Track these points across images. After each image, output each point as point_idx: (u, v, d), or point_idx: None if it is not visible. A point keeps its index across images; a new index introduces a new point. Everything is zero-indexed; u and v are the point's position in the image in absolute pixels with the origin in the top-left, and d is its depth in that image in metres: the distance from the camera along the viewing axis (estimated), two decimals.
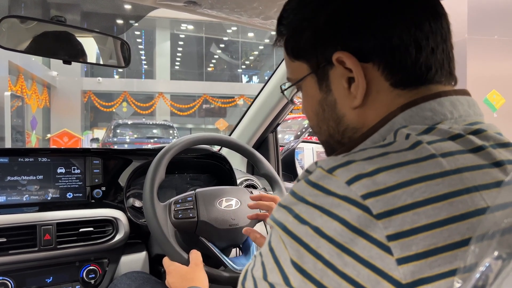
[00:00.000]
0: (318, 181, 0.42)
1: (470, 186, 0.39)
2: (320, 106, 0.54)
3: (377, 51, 0.48)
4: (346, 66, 0.49)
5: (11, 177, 1.14)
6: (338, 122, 0.53)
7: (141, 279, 1.11)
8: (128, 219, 1.23)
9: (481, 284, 0.32)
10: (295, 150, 1.89)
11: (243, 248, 1.16)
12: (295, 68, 0.56)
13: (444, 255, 0.36)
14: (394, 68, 0.49)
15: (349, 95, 0.51)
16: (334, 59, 0.50)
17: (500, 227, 0.33)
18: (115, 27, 10.73)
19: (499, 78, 5.39)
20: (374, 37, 0.48)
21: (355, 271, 0.37)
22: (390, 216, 0.37)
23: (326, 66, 0.52)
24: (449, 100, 0.48)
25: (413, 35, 0.48)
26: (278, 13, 0.58)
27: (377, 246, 0.36)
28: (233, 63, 21.31)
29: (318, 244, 0.39)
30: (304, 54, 0.54)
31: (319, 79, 0.53)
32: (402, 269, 0.36)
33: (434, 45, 0.49)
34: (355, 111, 0.51)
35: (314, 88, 0.54)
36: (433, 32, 0.49)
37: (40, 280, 1.13)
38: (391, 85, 0.49)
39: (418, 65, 0.49)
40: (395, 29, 0.48)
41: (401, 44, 0.48)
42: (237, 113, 18.68)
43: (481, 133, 0.45)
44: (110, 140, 9.57)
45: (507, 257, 0.31)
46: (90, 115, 18.85)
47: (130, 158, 1.31)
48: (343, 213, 0.38)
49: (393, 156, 0.41)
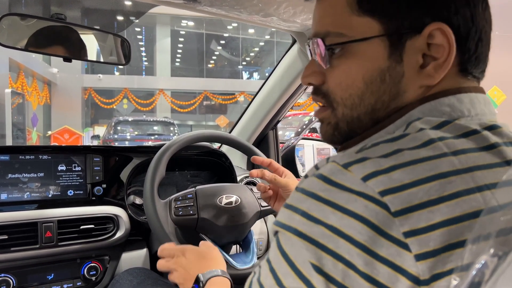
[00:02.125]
0: (331, 175, 0.40)
1: (481, 185, 0.39)
2: (380, 75, 0.47)
3: (460, 30, 0.46)
4: (432, 42, 0.45)
5: (12, 174, 1.15)
6: (394, 97, 0.48)
7: (142, 275, 1.11)
8: (129, 216, 1.24)
9: (477, 280, 0.32)
10: (295, 147, 1.89)
11: (243, 245, 1.17)
12: (357, 25, 0.47)
13: (457, 251, 0.36)
14: (464, 51, 0.47)
15: (420, 72, 0.46)
16: (428, 30, 0.45)
17: (498, 226, 0.34)
18: (116, 24, 10.72)
19: (500, 75, 5.38)
20: (464, 13, 0.46)
21: (376, 270, 0.36)
22: (406, 214, 0.37)
23: (409, 34, 0.46)
24: (469, 97, 0.47)
25: (480, 20, 0.47)
26: (278, 10, 0.56)
27: (395, 244, 0.36)
28: (233, 60, 21.27)
29: (337, 245, 0.38)
30: (383, 11, 0.46)
31: (392, 45, 0.46)
32: (421, 265, 0.36)
33: (486, 38, 0.49)
34: (420, 90, 0.47)
35: (380, 54, 0.47)
36: (486, 20, 0.48)
37: (41, 277, 1.13)
38: (459, 71, 0.48)
39: (476, 55, 0.48)
40: (470, 8, 0.46)
41: (473, 27, 0.47)
42: (237, 109, 18.67)
43: (496, 129, 0.45)
44: (111, 137, 9.58)
45: (503, 255, 0.32)
46: (91, 112, 18.86)
47: (130, 156, 1.32)
48: (360, 209, 0.37)
49: (407, 153, 0.40)
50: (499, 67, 5.35)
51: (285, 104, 1.56)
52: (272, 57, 20.73)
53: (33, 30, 1.03)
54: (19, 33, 1.04)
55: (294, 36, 1.33)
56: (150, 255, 1.28)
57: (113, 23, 10.56)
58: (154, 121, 11.25)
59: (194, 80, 19.03)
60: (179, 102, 18.00)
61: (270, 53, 21.24)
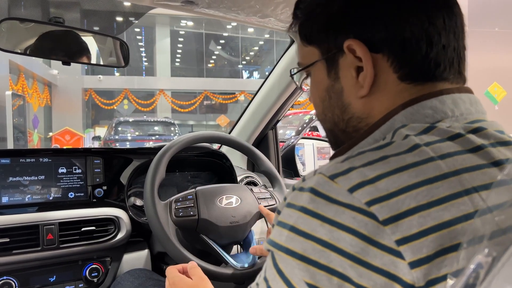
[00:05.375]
0: (318, 187, 0.41)
1: (469, 188, 0.39)
2: (327, 93, 0.54)
3: (388, 42, 0.48)
4: (356, 55, 0.49)
5: (13, 177, 1.15)
6: (343, 110, 0.53)
7: (144, 276, 1.12)
8: (130, 217, 1.24)
9: (472, 281, 0.32)
10: (295, 146, 1.90)
11: (244, 245, 1.17)
12: (306, 53, 0.56)
13: (451, 255, 0.36)
14: (403, 61, 0.49)
15: (356, 84, 0.50)
16: (345, 47, 0.50)
17: (492, 226, 0.34)
18: (115, 25, 10.73)
19: (500, 71, 5.38)
20: (386, 28, 0.48)
21: (371, 281, 0.36)
22: (396, 221, 0.37)
23: (337, 54, 0.51)
24: (451, 98, 0.48)
25: (425, 29, 0.48)
26: (275, 11, 0.58)
27: (388, 253, 0.36)
28: (233, 59, 21.26)
29: (329, 259, 0.38)
30: (316, 39, 0.54)
31: (329, 66, 0.53)
32: (416, 272, 0.36)
33: (446, 42, 0.49)
34: (361, 101, 0.51)
35: (322, 75, 0.54)
36: (446, 29, 0.49)
37: (43, 279, 1.14)
38: (399, 78, 0.49)
39: (428, 60, 0.48)
40: (407, 22, 0.48)
41: (413, 37, 0.48)
42: (238, 109, 18.66)
43: (481, 131, 0.45)
44: (112, 137, 9.59)
45: (497, 256, 0.32)
46: (92, 113, 18.86)
47: (130, 157, 1.32)
48: (348, 221, 0.38)
49: (393, 160, 0.40)
50: (499, 63, 5.34)
51: (284, 104, 1.56)
52: (272, 56, 20.72)
53: (32, 34, 1.04)
54: (18, 37, 1.04)
55: (292, 36, 1.34)
56: (151, 256, 1.29)
57: (112, 25, 10.57)
58: (154, 121, 11.27)
59: (194, 80, 19.03)
60: (180, 102, 18.00)
61: (270, 52, 21.23)
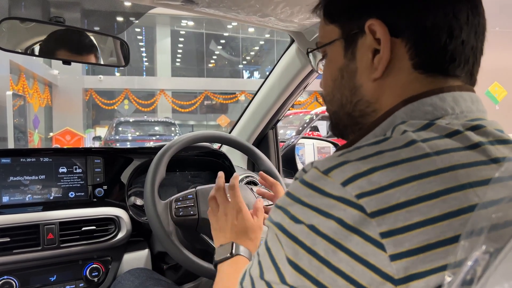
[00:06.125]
0: (313, 181, 0.42)
1: (464, 183, 0.39)
2: (340, 73, 0.54)
3: (409, 27, 0.48)
4: (376, 37, 0.49)
5: (13, 177, 1.15)
6: (353, 92, 0.53)
7: (144, 275, 1.12)
8: (130, 217, 1.24)
9: (470, 278, 0.32)
10: (295, 146, 1.90)
11: None
12: (327, 32, 0.56)
13: (436, 251, 0.37)
14: (421, 49, 0.49)
15: (371, 67, 0.51)
16: (367, 26, 0.50)
17: (489, 222, 0.34)
18: (115, 25, 10.73)
19: (501, 70, 5.37)
20: (410, 14, 0.48)
21: (350, 267, 0.38)
22: (383, 214, 0.37)
23: (357, 34, 0.51)
24: (452, 96, 0.48)
25: (448, 21, 0.48)
26: (275, 10, 0.58)
27: (371, 243, 0.37)
28: (233, 59, 21.26)
29: (313, 242, 0.40)
30: (339, 18, 0.54)
31: (347, 46, 0.53)
32: (396, 265, 0.36)
33: (466, 38, 0.49)
34: (373, 84, 0.51)
35: (339, 54, 0.54)
36: (469, 25, 0.49)
37: (44, 278, 1.14)
38: (413, 66, 0.49)
39: (445, 52, 0.48)
40: (432, 10, 0.48)
41: (435, 26, 0.48)
42: (238, 109, 18.65)
43: (480, 129, 0.45)
44: (112, 138, 9.60)
45: (494, 252, 0.32)
46: (92, 113, 18.87)
47: (131, 157, 1.32)
48: (338, 213, 0.39)
49: (387, 155, 0.41)
50: (500, 63, 5.34)
51: (284, 104, 1.57)
52: (272, 55, 20.71)
53: (32, 33, 1.04)
54: (18, 36, 1.04)
55: (292, 35, 1.34)
56: (151, 256, 1.29)
57: (113, 25, 10.58)
58: (155, 121, 11.28)
59: (194, 80, 19.03)
60: (180, 102, 18.01)
61: (270, 52, 21.22)
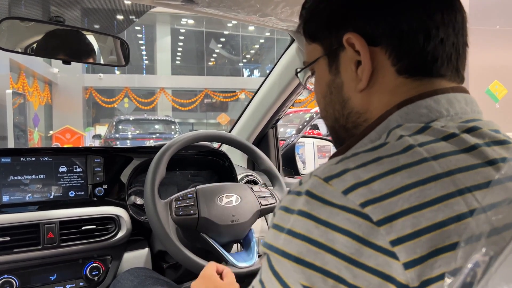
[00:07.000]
0: (313, 189, 0.41)
1: (462, 188, 0.39)
2: (328, 88, 0.55)
3: (386, 35, 0.49)
4: (355, 49, 0.50)
5: (13, 176, 1.15)
6: (343, 105, 0.54)
7: (143, 275, 1.12)
8: (130, 216, 1.24)
9: (470, 280, 0.32)
10: (295, 145, 1.90)
11: (244, 244, 1.18)
12: (310, 51, 0.57)
13: (444, 255, 0.36)
14: (401, 54, 0.49)
15: (356, 78, 0.51)
16: (344, 40, 0.50)
17: (489, 226, 0.34)
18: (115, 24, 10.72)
19: (501, 69, 5.36)
20: (384, 21, 0.49)
21: (366, 281, 0.37)
22: (390, 222, 0.37)
23: (338, 49, 0.52)
24: (446, 98, 0.48)
25: (423, 22, 0.48)
26: (275, 10, 0.58)
27: (382, 253, 0.36)
28: (234, 57, 21.24)
29: (324, 261, 0.38)
30: (319, 36, 0.55)
31: (330, 61, 0.54)
32: (409, 273, 0.36)
33: (444, 36, 0.49)
34: (360, 95, 0.52)
35: (324, 71, 0.55)
36: (445, 23, 0.49)
37: (44, 277, 1.14)
38: (397, 72, 0.49)
39: (425, 53, 0.49)
40: (405, 14, 0.48)
41: (410, 30, 0.48)
42: (238, 107, 18.65)
43: (475, 130, 0.45)
44: (112, 136, 9.59)
45: (494, 255, 0.32)
46: (92, 111, 18.87)
47: (131, 156, 1.32)
48: (342, 222, 0.38)
49: (386, 162, 0.41)
50: (500, 62, 5.33)
51: (285, 103, 1.57)
52: (272, 54, 20.69)
53: (32, 33, 1.04)
54: (18, 36, 1.04)
55: (292, 35, 1.34)
56: (151, 255, 1.29)
57: (113, 23, 10.56)
58: (155, 119, 11.27)
59: (194, 78, 19.02)
60: (180, 100, 18.01)
61: (270, 50, 21.20)
